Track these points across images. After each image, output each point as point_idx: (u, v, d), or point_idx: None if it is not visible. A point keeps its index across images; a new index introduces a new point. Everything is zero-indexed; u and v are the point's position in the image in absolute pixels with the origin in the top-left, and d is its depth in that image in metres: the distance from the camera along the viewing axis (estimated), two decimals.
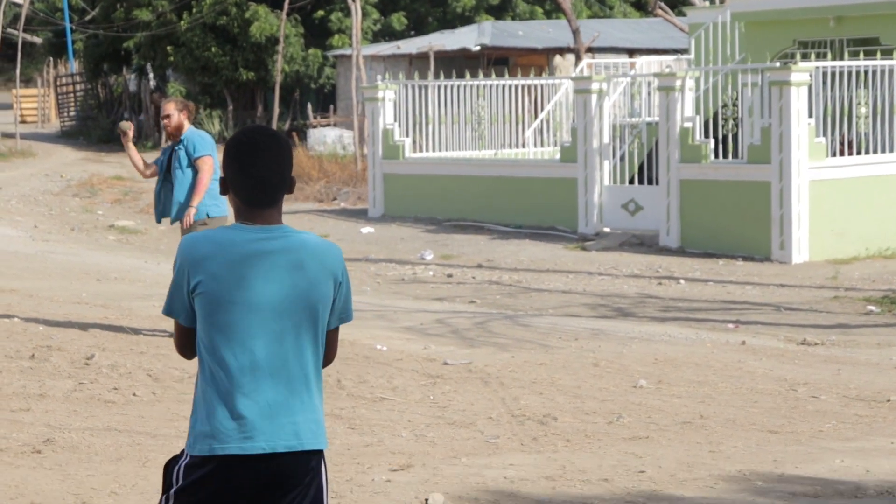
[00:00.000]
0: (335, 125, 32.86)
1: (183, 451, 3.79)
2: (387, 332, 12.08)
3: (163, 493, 3.81)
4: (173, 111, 11.28)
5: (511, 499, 6.71)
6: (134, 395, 9.19)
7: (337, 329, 3.86)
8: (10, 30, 37.68)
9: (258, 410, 3.68)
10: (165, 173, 11.36)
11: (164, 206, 11.49)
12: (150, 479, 7.08)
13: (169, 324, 11.76)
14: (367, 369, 10.10)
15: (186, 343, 3.81)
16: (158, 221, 11.87)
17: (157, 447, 7.80)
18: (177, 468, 3.77)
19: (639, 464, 7.37)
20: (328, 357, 3.86)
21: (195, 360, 3.80)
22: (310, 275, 3.72)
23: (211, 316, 3.70)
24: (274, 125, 25.97)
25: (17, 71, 37.23)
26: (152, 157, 34.91)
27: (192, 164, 11.21)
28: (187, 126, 11.26)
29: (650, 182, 18.44)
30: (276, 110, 26.25)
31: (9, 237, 20.41)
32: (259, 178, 3.72)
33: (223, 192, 3.83)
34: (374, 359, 10.56)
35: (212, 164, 11.22)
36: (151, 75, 38.12)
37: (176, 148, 11.23)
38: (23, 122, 40.83)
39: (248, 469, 3.69)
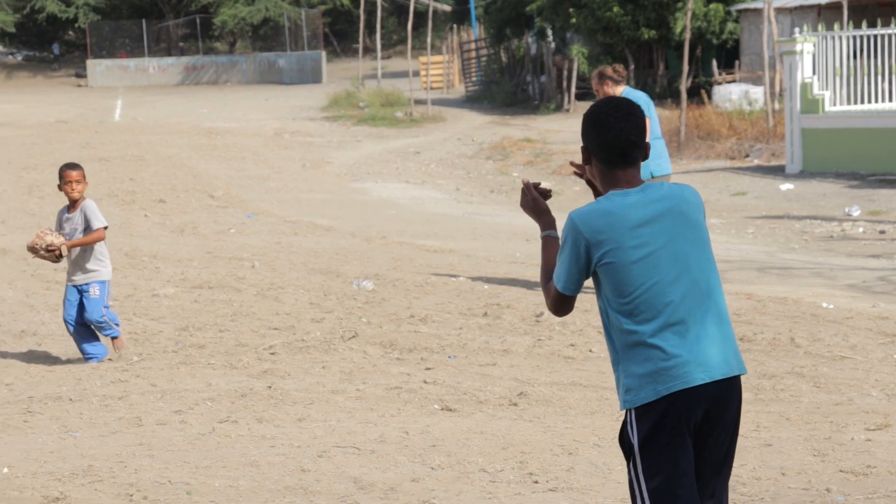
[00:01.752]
0: (739, 81, 32.34)
1: (624, 420, 3.98)
2: (828, 289, 11.87)
3: (628, 462, 4.00)
4: (597, 85, 11.30)
5: None
6: (590, 351, 9.45)
7: None
8: None
9: (689, 347, 3.91)
10: None
11: None
12: None
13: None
14: (817, 327, 9.98)
15: (567, 308, 4.10)
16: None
17: None
18: (629, 429, 3.96)
19: None
20: None
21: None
22: (692, 218, 3.99)
23: (624, 281, 3.94)
24: (683, 83, 25.80)
25: (429, 39, 38.62)
26: (556, 118, 35.24)
27: None
28: (620, 89, 11.25)
29: None
30: (686, 68, 26.05)
31: (435, 199, 21.32)
32: (621, 138, 4.00)
33: (585, 161, 4.08)
34: (823, 317, 10.41)
35: (649, 124, 11.27)
36: (551, 37, 38.67)
37: None
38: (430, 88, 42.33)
39: (692, 401, 3.90)
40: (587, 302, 11.27)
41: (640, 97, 11.18)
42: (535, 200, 4.21)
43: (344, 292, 11.81)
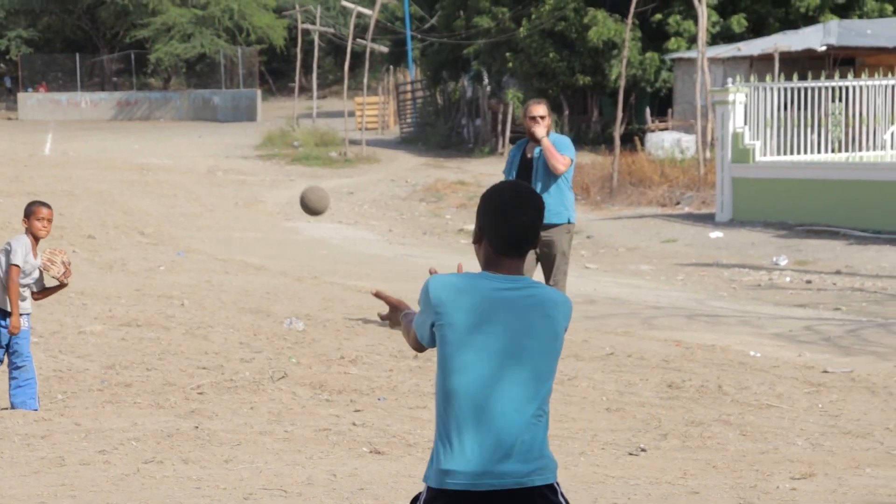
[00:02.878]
0: (672, 129, 32.70)
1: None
2: (756, 338, 11.98)
3: None
4: (546, 114, 11.19)
5: None
6: None
7: None
8: (359, 39, 39.21)
9: (487, 450, 3.75)
10: (521, 177, 10.98)
11: None
12: None
13: None
14: (745, 376, 10.05)
15: (419, 347, 4.01)
16: None
17: (553, 447, 7.83)
18: (419, 499, 3.88)
19: None
20: None
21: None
22: (554, 327, 3.81)
23: (450, 356, 3.82)
24: (617, 130, 26.05)
25: (365, 79, 38.72)
26: (490, 162, 35.38)
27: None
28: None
29: None
30: (620, 115, 26.33)
31: (368, 241, 21.29)
32: (518, 231, 3.86)
33: (476, 240, 3.95)
34: (750, 365, 10.49)
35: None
36: (487, 81, 38.92)
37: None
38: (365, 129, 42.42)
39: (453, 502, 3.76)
40: None
41: (565, 142, 11.14)
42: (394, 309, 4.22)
43: (274, 332, 11.74)
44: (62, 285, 8.75)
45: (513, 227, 3.88)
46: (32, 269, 8.64)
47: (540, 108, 11.13)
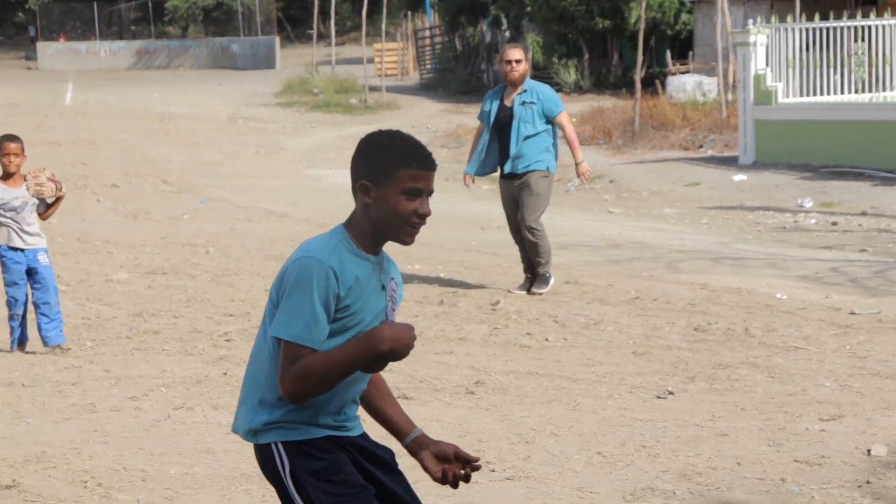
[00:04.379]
0: (693, 72, 32.47)
1: None
2: (781, 280, 11.95)
3: None
4: (523, 58, 11.10)
5: None
6: (546, 340, 9.46)
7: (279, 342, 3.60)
8: None
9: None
10: (500, 125, 11.01)
11: (495, 160, 11.13)
12: (583, 421, 7.29)
13: (563, 271, 11.99)
14: (771, 318, 10.04)
15: None
16: (477, 174, 11.35)
17: (581, 391, 8.02)
18: None
19: None
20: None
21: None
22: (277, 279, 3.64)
23: None
24: (638, 74, 25.85)
25: (383, 25, 38.53)
26: None
27: (549, 120, 11.02)
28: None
29: None
30: (640, 58, 26.14)
31: None
32: None
33: None
34: (777, 307, 10.47)
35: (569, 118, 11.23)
36: (506, 25, 38.68)
37: (526, 101, 10.97)
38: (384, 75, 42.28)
39: None
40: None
41: (552, 96, 11.09)
42: None
43: None
44: (59, 198, 9.05)
45: None
46: (10, 201, 8.79)
47: (516, 52, 11.05)
